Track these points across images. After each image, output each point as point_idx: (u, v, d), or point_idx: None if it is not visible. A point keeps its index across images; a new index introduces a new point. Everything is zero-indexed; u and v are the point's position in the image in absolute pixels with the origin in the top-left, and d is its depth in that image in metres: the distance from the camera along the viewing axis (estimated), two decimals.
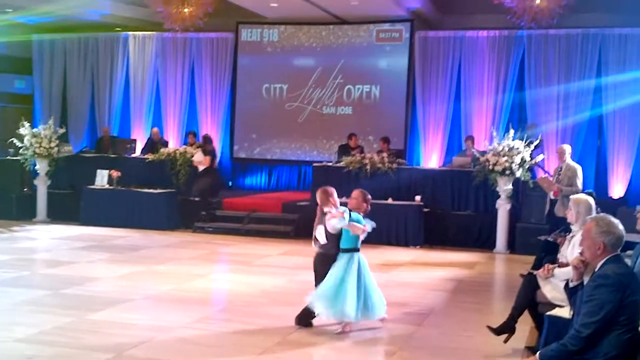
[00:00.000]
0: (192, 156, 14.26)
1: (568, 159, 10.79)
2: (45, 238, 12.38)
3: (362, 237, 6.84)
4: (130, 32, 17.30)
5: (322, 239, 6.90)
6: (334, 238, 6.82)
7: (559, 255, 6.29)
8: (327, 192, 6.96)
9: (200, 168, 14.11)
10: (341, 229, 6.73)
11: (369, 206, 6.99)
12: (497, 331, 6.18)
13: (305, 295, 6.90)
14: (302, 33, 16.31)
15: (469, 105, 15.09)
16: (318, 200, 6.99)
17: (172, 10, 15.19)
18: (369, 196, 7.03)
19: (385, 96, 15.78)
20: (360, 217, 6.83)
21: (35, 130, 14.37)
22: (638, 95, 13.88)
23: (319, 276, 6.88)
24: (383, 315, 7.07)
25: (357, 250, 6.84)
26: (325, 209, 6.86)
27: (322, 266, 6.88)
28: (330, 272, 6.74)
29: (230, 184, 16.96)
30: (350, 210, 6.80)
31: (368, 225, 6.78)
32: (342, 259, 6.78)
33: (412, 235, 12.56)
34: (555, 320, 4.83)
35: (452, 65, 15.24)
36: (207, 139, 14.59)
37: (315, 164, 14.27)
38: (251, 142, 16.68)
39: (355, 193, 7.02)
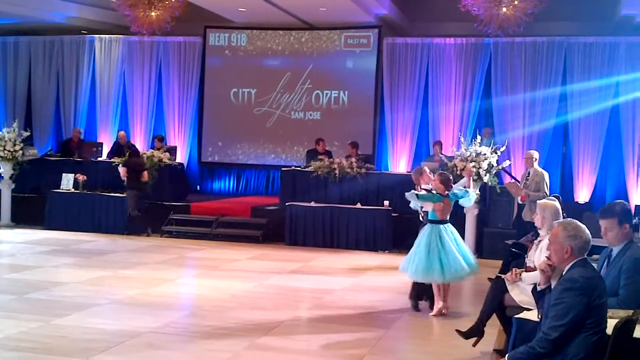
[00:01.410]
0: (160, 160, 14.15)
1: (535, 165, 10.92)
2: (9, 242, 12.19)
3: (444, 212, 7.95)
4: (97, 35, 17.12)
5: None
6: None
7: (526, 260, 6.35)
8: (418, 170, 8.84)
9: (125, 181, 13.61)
10: None
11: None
12: (466, 335, 6.24)
13: (274, 300, 6.88)
14: (270, 38, 16.30)
15: (436, 111, 15.20)
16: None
17: (139, 13, 15.02)
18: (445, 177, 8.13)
19: (354, 102, 15.84)
20: (433, 195, 7.96)
21: None
22: (602, 103, 14.11)
23: None
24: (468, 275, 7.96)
25: (440, 222, 7.88)
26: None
27: None
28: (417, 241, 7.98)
29: (198, 188, 16.87)
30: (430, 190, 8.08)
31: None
32: (426, 229, 7.95)
33: (380, 239, 12.60)
34: (523, 323, 4.86)
35: (420, 72, 15.35)
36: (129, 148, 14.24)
37: (283, 169, 14.27)
38: (219, 146, 16.61)
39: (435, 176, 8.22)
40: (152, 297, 8.30)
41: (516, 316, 5.00)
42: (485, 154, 12.05)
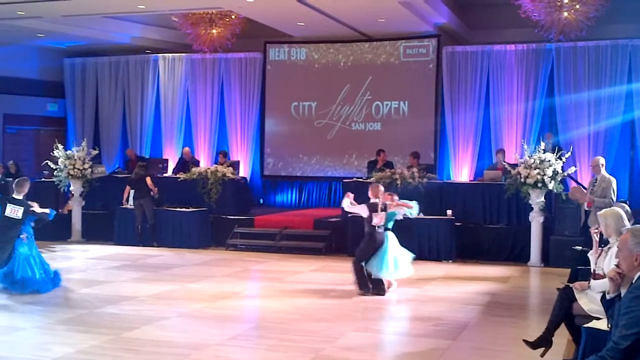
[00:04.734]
0: (224, 175, 14.37)
1: (603, 171, 10.67)
2: (80, 258, 12.54)
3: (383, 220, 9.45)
4: (160, 54, 17.53)
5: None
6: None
7: (595, 267, 6.22)
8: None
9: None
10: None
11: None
12: (534, 345, 6.13)
13: (338, 311, 6.90)
14: (329, 51, 16.41)
15: (498, 118, 15.05)
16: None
17: (201, 31, 15.36)
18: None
19: (414, 112, 15.79)
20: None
21: (68, 152, 14.62)
22: None
23: None
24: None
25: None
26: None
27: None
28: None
29: (261, 201, 17.05)
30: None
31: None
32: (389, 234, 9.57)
33: (444, 249, 12.50)
34: (593, 333, 4.78)
35: (481, 80, 15.22)
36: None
37: (345, 180, 14.29)
38: (281, 159, 16.78)
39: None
40: (219, 310, 8.42)
41: (585, 325, 4.92)
42: (549, 161, 11.85)
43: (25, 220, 9.31)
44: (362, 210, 9.63)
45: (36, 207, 9.48)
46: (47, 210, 9.61)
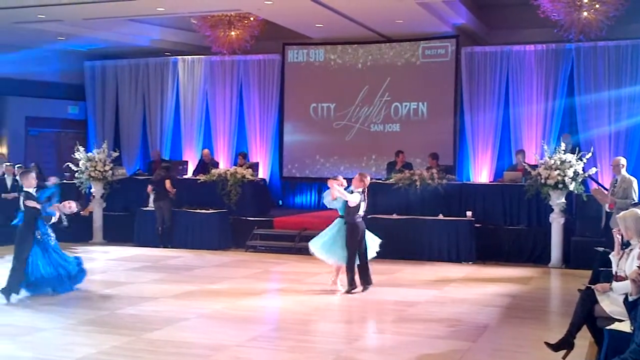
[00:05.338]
0: (243, 176, 14.41)
1: (623, 171, 10.59)
2: (101, 259, 12.63)
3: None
4: (180, 57, 17.62)
5: None
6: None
7: (617, 269, 6.17)
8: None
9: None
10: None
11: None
12: (555, 347, 6.09)
13: (358, 312, 6.90)
14: (348, 52, 16.41)
15: (517, 119, 14.99)
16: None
17: (220, 34, 15.41)
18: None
19: (433, 113, 15.75)
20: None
21: (89, 154, 14.73)
22: None
23: None
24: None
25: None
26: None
27: None
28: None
29: (280, 202, 17.08)
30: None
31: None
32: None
33: (464, 251, 12.46)
34: (615, 335, 4.75)
35: (500, 80, 15.16)
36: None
37: None
38: (300, 160, 16.80)
39: None
40: (239, 311, 8.45)
41: (607, 328, 4.89)
42: (570, 162, 11.77)
43: (37, 216, 9.22)
44: (354, 198, 9.54)
45: (32, 203, 9.26)
46: (37, 206, 9.10)
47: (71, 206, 9.64)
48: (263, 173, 16.53)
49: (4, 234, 12.01)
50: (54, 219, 9.36)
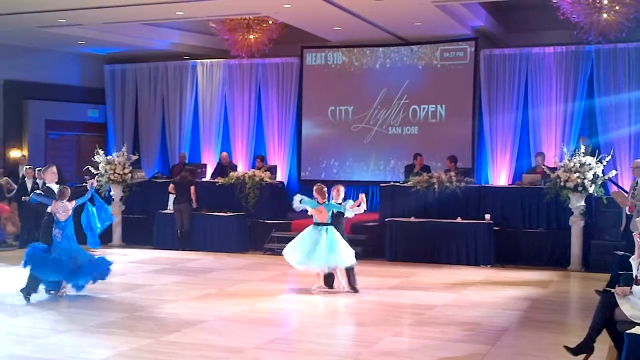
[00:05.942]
0: (261, 179, 14.46)
1: None
2: (121, 262, 12.67)
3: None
4: (198, 60, 17.70)
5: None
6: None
7: (637, 272, 6.13)
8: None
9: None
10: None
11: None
12: (575, 351, 6.05)
13: (375, 315, 6.90)
14: (366, 55, 16.41)
15: (536, 121, 14.90)
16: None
17: (238, 37, 15.48)
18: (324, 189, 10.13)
19: (451, 115, 15.70)
20: (311, 201, 10.07)
21: (109, 157, 14.85)
22: None
23: None
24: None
25: (319, 224, 9.89)
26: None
27: None
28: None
29: None
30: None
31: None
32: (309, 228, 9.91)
33: (482, 254, 12.41)
34: (635, 339, 4.72)
35: (519, 82, 15.08)
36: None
37: (382, 184, 14.30)
38: (318, 163, 16.80)
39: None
40: (257, 314, 8.47)
41: (628, 331, 4.86)
42: (590, 164, 11.70)
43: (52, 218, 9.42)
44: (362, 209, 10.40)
45: (40, 197, 9.65)
46: (45, 201, 9.54)
47: (94, 182, 10.50)
48: (281, 176, 16.55)
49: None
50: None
